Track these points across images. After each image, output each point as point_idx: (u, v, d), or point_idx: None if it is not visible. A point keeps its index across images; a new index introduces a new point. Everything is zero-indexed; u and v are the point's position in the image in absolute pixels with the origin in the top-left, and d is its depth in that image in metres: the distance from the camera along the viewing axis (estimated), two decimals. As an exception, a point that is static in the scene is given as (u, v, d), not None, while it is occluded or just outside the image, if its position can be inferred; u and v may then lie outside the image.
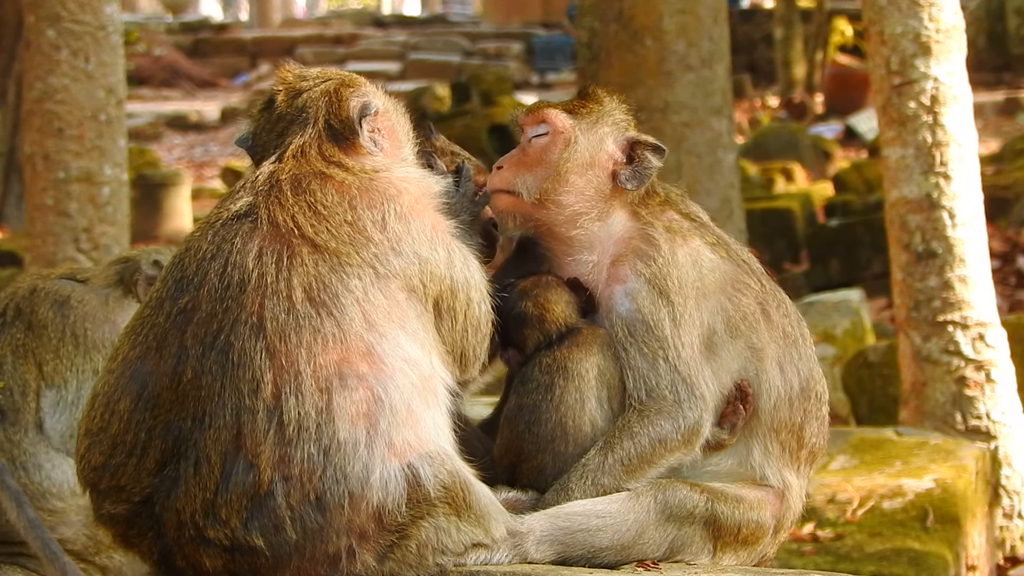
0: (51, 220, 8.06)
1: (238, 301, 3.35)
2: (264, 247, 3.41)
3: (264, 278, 3.36)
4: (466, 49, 35.02)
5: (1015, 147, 18.40)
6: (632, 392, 3.79)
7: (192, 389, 3.34)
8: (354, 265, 3.41)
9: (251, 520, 3.27)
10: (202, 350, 3.35)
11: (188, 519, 3.30)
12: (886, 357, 9.25)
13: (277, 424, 3.26)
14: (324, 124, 3.69)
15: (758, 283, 3.99)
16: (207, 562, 3.32)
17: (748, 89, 27.33)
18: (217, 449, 3.29)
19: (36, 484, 4.61)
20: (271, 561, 3.28)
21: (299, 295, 3.35)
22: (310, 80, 3.79)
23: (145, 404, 3.40)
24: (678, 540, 3.75)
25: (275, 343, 3.31)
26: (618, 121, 4.05)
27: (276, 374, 3.29)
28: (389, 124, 3.82)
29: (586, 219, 3.96)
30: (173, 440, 3.35)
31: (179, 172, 19.41)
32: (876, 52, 7.97)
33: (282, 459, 3.26)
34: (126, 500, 3.41)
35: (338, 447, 3.27)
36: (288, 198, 3.48)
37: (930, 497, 6.70)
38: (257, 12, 42.78)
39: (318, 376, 3.29)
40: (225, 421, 3.29)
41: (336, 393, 3.29)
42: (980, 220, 7.91)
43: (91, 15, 8.07)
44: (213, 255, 3.43)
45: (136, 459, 3.39)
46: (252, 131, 3.81)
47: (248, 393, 3.29)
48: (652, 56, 9.77)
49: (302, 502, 3.26)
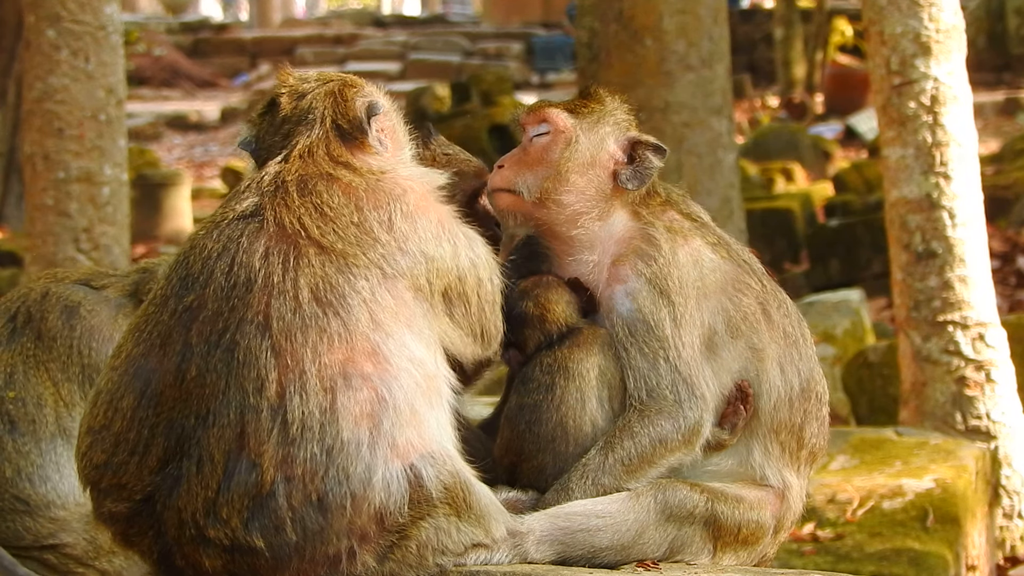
0: (51, 220, 8.06)
1: (244, 300, 3.35)
2: (271, 247, 3.41)
3: (271, 278, 3.37)
4: (466, 49, 35.03)
5: (1015, 147, 18.40)
6: (633, 392, 3.79)
7: (196, 387, 3.34)
8: (361, 266, 3.41)
9: (252, 520, 3.26)
10: (207, 348, 3.34)
11: (189, 518, 3.30)
12: (886, 357, 9.25)
13: (281, 423, 3.26)
14: (332, 124, 3.69)
15: (759, 283, 3.99)
16: (207, 562, 3.31)
17: (748, 89, 27.34)
18: (220, 448, 3.28)
19: (41, 496, 4.60)
20: (271, 562, 3.28)
21: (306, 295, 3.35)
22: (312, 82, 3.80)
23: (148, 401, 3.39)
24: (678, 540, 3.75)
25: (280, 342, 3.31)
26: (619, 121, 4.05)
27: (281, 373, 3.29)
28: (390, 124, 3.84)
29: (587, 219, 3.96)
30: (176, 438, 3.34)
31: (179, 172, 19.41)
32: (876, 52, 7.97)
33: (285, 459, 3.25)
34: (127, 498, 3.40)
35: (341, 447, 3.26)
36: (294, 199, 3.48)
37: (930, 497, 6.70)
38: (257, 12, 42.79)
39: (323, 376, 3.29)
40: (229, 420, 3.29)
41: (340, 393, 3.29)
42: (980, 220, 7.91)
43: (91, 15, 8.08)
44: (219, 254, 3.43)
45: (138, 457, 3.38)
46: (255, 134, 3.81)
47: (253, 392, 3.29)
48: (652, 56, 9.77)
49: (304, 503, 3.26)
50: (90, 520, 4.51)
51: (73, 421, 4.62)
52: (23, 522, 4.59)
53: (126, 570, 4.65)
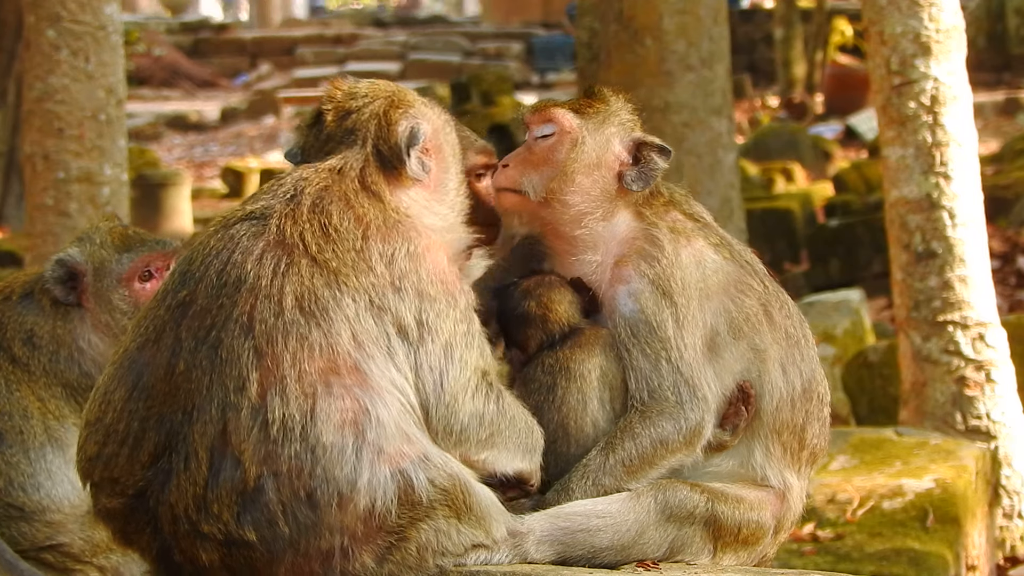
0: (51, 220, 8.06)
1: (232, 299, 3.37)
2: (266, 251, 3.42)
3: (259, 280, 3.38)
4: (466, 49, 35.02)
5: (1015, 147, 18.40)
6: (634, 393, 3.79)
7: (184, 382, 3.36)
8: (350, 287, 3.40)
9: (243, 514, 3.28)
10: (194, 344, 3.37)
11: (182, 513, 3.32)
12: (886, 357, 9.25)
13: (262, 423, 3.27)
14: (372, 148, 3.65)
15: (761, 284, 3.98)
16: (203, 556, 3.33)
17: (748, 89, 27.35)
18: (204, 444, 3.30)
19: (35, 502, 4.62)
20: (266, 556, 3.29)
21: (290, 302, 3.35)
22: (359, 99, 3.73)
23: (139, 394, 3.42)
24: (678, 540, 3.75)
25: (262, 344, 3.32)
26: (624, 121, 4.05)
27: (263, 375, 3.30)
28: (437, 143, 3.77)
29: (591, 219, 3.96)
30: (166, 433, 3.37)
31: (179, 172, 19.41)
32: (876, 52, 7.97)
33: (268, 456, 3.27)
34: (120, 493, 3.42)
35: (324, 449, 3.27)
36: (303, 213, 3.48)
37: (930, 497, 6.71)
38: (257, 12, 42.78)
39: (303, 381, 3.30)
40: (211, 416, 3.31)
41: (321, 399, 3.29)
42: (980, 220, 7.91)
43: (91, 15, 8.06)
44: (218, 253, 3.45)
45: (128, 449, 3.40)
46: (300, 146, 3.79)
47: (234, 390, 3.30)
48: (652, 56, 9.76)
49: (292, 498, 3.27)
50: (87, 519, 4.53)
51: (64, 431, 4.63)
52: (19, 527, 4.61)
53: (123, 566, 4.66)
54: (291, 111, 30.05)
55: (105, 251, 4.76)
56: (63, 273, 4.72)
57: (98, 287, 4.73)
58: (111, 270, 4.74)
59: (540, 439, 3.70)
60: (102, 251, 4.76)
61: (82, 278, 4.72)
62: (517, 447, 3.63)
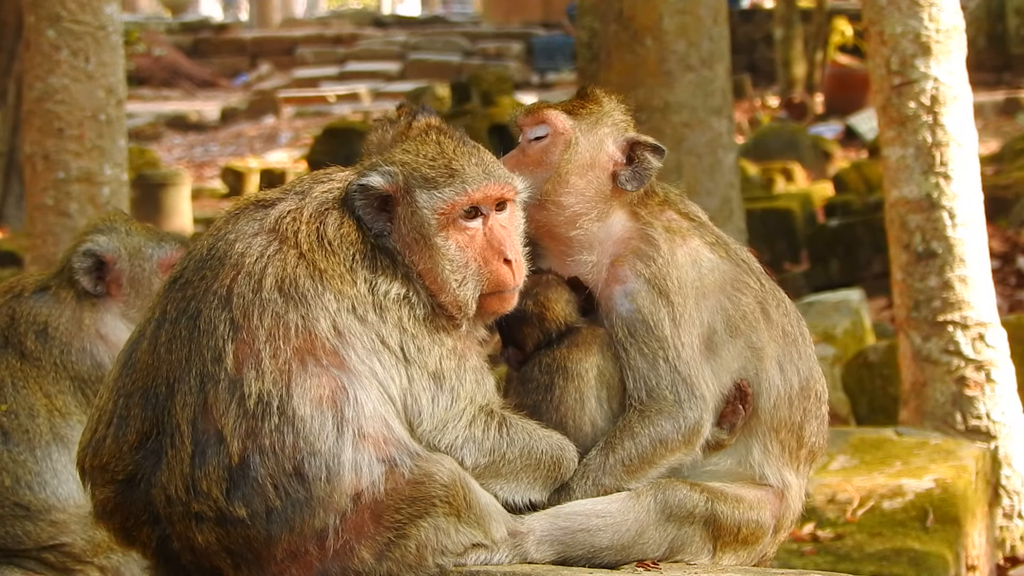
0: (51, 220, 8.06)
1: (215, 272, 3.41)
2: (259, 234, 3.46)
3: (244, 258, 3.41)
4: (466, 49, 35.02)
5: (1015, 147, 18.40)
6: (632, 392, 3.80)
7: (165, 353, 3.39)
8: (333, 291, 3.41)
9: (233, 491, 3.28)
10: (176, 315, 3.41)
11: (174, 494, 3.33)
12: (886, 357, 9.25)
13: (239, 397, 3.29)
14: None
15: (757, 282, 3.99)
16: (199, 538, 3.33)
17: (748, 89, 27.34)
18: (185, 416, 3.32)
19: (41, 500, 4.64)
20: (262, 534, 3.29)
21: (270, 282, 3.38)
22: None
23: (127, 370, 3.45)
24: (678, 540, 3.75)
25: (238, 317, 3.34)
26: (617, 122, 4.05)
27: (238, 347, 3.32)
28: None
29: (586, 220, 3.96)
30: (152, 410, 3.38)
31: (179, 172, 19.40)
32: (876, 52, 7.97)
33: (250, 432, 3.28)
34: (111, 480, 3.42)
35: (303, 423, 3.28)
36: (303, 214, 3.50)
37: (930, 497, 6.71)
38: (257, 12, 42.77)
39: (277, 357, 3.31)
40: (191, 386, 3.33)
41: (296, 375, 3.30)
42: (980, 220, 7.91)
43: (91, 15, 8.06)
44: (216, 231, 3.52)
45: (114, 430, 3.41)
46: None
47: (211, 360, 3.32)
48: (652, 56, 9.76)
49: (280, 473, 3.27)
50: (89, 520, 4.54)
51: (69, 428, 4.65)
52: (23, 527, 4.63)
53: (123, 565, 4.68)
54: (291, 111, 30.07)
55: (138, 237, 4.82)
56: (92, 263, 4.75)
57: (135, 272, 4.78)
58: (150, 255, 4.81)
59: (569, 469, 3.68)
60: (134, 238, 4.83)
61: (111, 266, 4.76)
62: (534, 479, 3.62)
